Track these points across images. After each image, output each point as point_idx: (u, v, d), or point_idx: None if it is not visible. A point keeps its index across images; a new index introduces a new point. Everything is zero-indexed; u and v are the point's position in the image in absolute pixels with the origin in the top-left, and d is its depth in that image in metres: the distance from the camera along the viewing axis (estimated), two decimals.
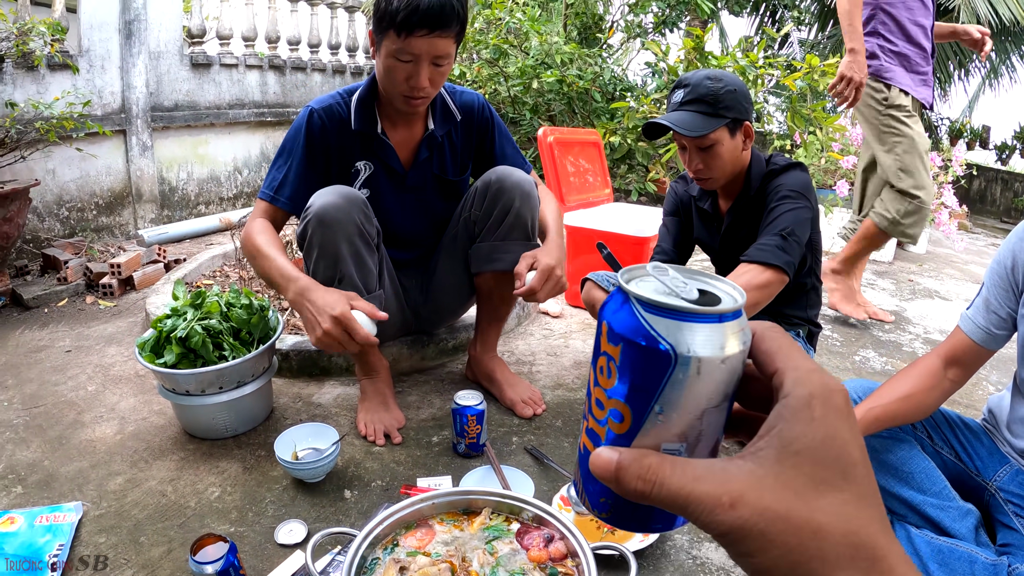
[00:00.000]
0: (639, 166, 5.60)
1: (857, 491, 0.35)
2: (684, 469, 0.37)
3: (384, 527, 1.20)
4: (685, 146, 1.98)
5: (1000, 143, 11.41)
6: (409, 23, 1.74)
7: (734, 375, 0.40)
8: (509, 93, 5.70)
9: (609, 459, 0.40)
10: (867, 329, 3.46)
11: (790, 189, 1.94)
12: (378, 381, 2.12)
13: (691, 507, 0.36)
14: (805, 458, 0.35)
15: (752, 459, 0.36)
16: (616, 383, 0.41)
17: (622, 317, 0.41)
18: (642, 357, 0.39)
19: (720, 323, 0.39)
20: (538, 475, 1.86)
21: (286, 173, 2.00)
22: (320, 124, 2.00)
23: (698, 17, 6.57)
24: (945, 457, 1.59)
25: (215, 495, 1.74)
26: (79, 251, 3.82)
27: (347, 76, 6.70)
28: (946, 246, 6.14)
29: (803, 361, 0.39)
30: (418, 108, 1.96)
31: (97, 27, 4.41)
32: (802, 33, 10.96)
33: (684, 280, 0.43)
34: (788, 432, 0.36)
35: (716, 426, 0.41)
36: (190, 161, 5.23)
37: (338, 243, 1.85)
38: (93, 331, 2.95)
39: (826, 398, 0.36)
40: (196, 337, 1.88)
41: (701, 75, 1.92)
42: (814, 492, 0.34)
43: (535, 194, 2.06)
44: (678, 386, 0.39)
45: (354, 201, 1.88)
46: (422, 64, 1.82)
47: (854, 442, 0.36)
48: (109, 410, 2.19)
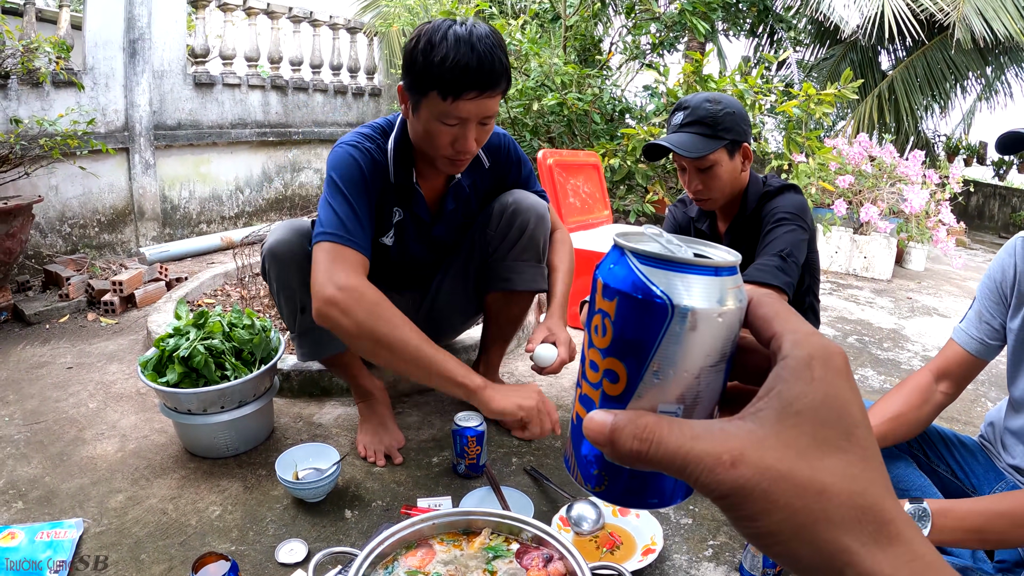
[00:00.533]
0: (639, 187, 5.64)
1: (861, 452, 0.34)
2: (682, 428, 0.35)
3: (385, 547, 1.21)
4: (685, 167, 2.00)
5: (997, 159, 11.48)
6: (458, 86, 1.61)
7: (731, 333, 0.40)
8: (509, 115, 5.75)
9: (603, 421, 0.38)
10: (865, 347, 3.48)
11: (786, 212, 1.96)
12: (374, 403, 2.12)
13: (690, 467, 0.34)
14: (806, 417, 0.34)
15: (752, 419, 0.35)
16: (611, 341, 0.40)
17: (618, 271, 0.41)
18: (638, 310, 0.39)
19: (716, 276, 0.39)
20: (538, 496, 1.87)
21: (352, 214, 1.75)
22: (367, 166, 1.83)
23: (696, 39, 6.63)
24: (942, 475, 1.60)
25: (216, 514, 1.75)
26: (81, 268, 3.84)
27: (348, 97, 6.75)
28: (944, 263, 6.16)
29: (801, 324, 0.38)
30: (461, 168, 1.85)
31: (102, 45, 4.46)
32: (799, 54, 11.04)
33: (680, 243, 0.42)
34: (788, 392, 0.35)
35: (713, 389, 0.40)
36: (192, 180, 5.27)
37: (290, 275, 1.88)
38: (94, 348, 2.96)
39: (826, 359, 0.35)
40: (199, 357, 1.89)
41: (700, 98, 1.95)
42: (817, 452, 0.33)
43: (548, 218, 2.08)
44: (675, 340, 0.38)
45: (303, 232, 1.90)
46: (469, 126, 1.70)
47: (855, 402, 0.35)
48: (110, 427, 2.20)
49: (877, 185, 5.48)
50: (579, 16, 6.07)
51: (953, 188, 5.55)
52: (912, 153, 5.44)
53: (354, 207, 1.73)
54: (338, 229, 1.68)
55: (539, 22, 6.22)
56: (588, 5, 6.04)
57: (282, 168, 6.10)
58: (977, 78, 9.70)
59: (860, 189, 5.46)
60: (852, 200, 5.41)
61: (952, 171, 5.72)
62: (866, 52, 9.92)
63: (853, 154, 5.51)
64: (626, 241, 0.41)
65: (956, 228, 5.46)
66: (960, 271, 5.91)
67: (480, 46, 1.60)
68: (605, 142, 5.47)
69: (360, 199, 1.76)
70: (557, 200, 3.54)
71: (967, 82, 9.78)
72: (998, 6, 7.12)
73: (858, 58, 9.81)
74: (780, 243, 1.90)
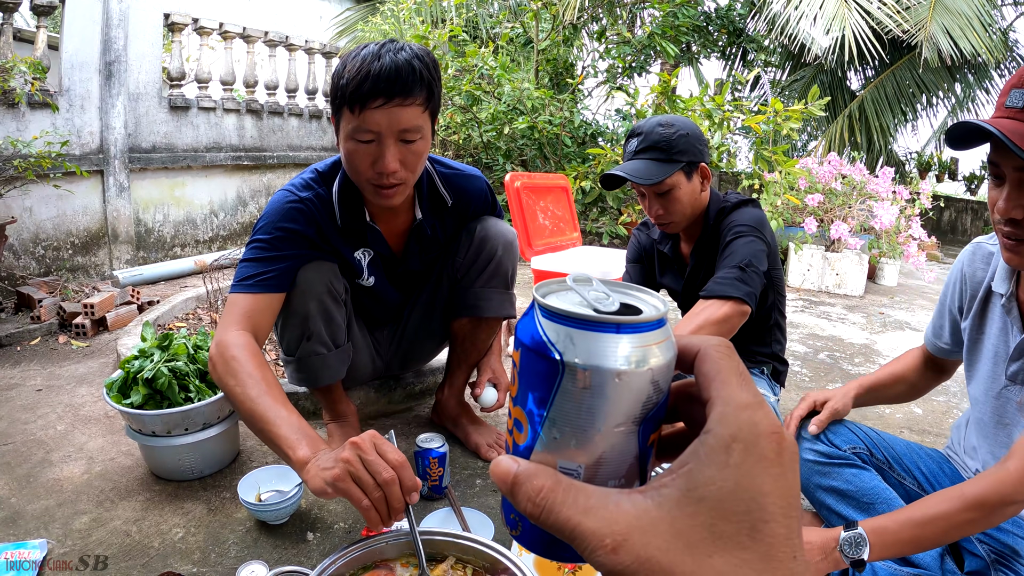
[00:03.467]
0: (611, 209, 5.70)
1: (764, 551, 0.31)
2: (576, 498, 0.34)
3: (338, 567, 1.22)
4: (644, 193, 2.00)
5: (969, 173, 11.72)
6: (363, 94, 1.51)
7: (639, 395, 0.37)
8: (482, 139, 5.80)
9: (508, 469, 0.37)
10: (836, 363, 3.53)
11: (742, 224, 1.95)
12: (346, 426, 2.12)
13: (576, 541, 0.33)
14: (708, 506, 0.31)
15: (653, 496, 0.33)
16: (517, 390, 0.40)
17: (524, 322, 0.40)
18: (534, 363, 0.38)
19: (617, 334, 0.36)
20: (499, 517, 1.88)
21: (256, 258, 1.72)
22: (295, 217, 1.76)
23: (667, 62, 6.74)
24: (908, 487, 1.64)
25: (179, 536, 1.75)
26: (54, 290, 3.83)
27: (323, 121, 6.81)
28: (917, 277, 6.26)
29: (738, 392, 0.35)
30: (392, 199, 1.69)
31: (78, 67, 4.48)
32: (771, 74, 11.21)
33: (607, 292, 0.40)
34: (696, 475, 0.32)
35: (622, 451, 0.38)
36: (167, 203, 5.27)
37: (307, 303, 1.85)
38: (65, 371, 2.95)
39: (750, 443, 0.32)
40: (162, 379, 1.90)
41: (653, 122, 1.96)
42: (709, 547, 0.31)
43: (516, 245, 2.10)
44: (568, 397, 0.37)
45: (323, 261, 1.88)
46: (386, 142, 1.57)
47: (774, 495, 0.31)
48: (77, 449, 2.20)
49: (847, 202, 5.57)
50: (551, 41, 6.16)
51: (924, 203, 5.65)
52: (882, 170, 5.53)
53: (260, 248, 1.72)
54: (238, 278, 1.69)
55: (512, 47, 6.30)
56: (560, 30, 6.12)
57: (256, 192, 6.12)
58: (946, 95, 9.88)
59: (831, 207, 5.55)
60: (823, 218, 5.49)
61: (923, 187, 5.81)
62: (835, 73, 10.10)
63: (823, 173, 5.60)
64: (539, 293, 0.40)
65: (928, 243, 5.55)
66: (932, 285, 6.00)
67: (389, 56, 1.52)
68: (577, 164, 5.54)
69: (271, 244, 1.72)
70: (524, 222, 3.57)
71: (936, 100, 9.95)
72: (964, 24, 7.28)
73: (828, 79, 9.99)
74: (738, 255, 1.88)
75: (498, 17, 6.66)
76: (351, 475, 1.18)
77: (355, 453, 1.19)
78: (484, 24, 6.82)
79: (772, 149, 4.91)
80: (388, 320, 2.24)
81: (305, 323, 1.88)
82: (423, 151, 1.66)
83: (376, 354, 2.25)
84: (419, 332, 2.25)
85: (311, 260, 1.83)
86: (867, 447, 1.64)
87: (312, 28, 7.54)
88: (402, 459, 1.21)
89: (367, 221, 1.86)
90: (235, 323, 1.61)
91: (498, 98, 5.73)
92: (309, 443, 1.32)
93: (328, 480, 1.20)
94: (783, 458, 0.32)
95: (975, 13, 7.33)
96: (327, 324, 1.92)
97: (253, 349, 1.54)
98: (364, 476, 1.17)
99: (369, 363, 2.22)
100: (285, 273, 1.74)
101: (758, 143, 4.97)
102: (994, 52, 7.83)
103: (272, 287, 1.70)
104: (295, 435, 1.35)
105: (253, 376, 1.46)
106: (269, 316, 1.71)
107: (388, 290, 2.08)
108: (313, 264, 1.84)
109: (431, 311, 2.20)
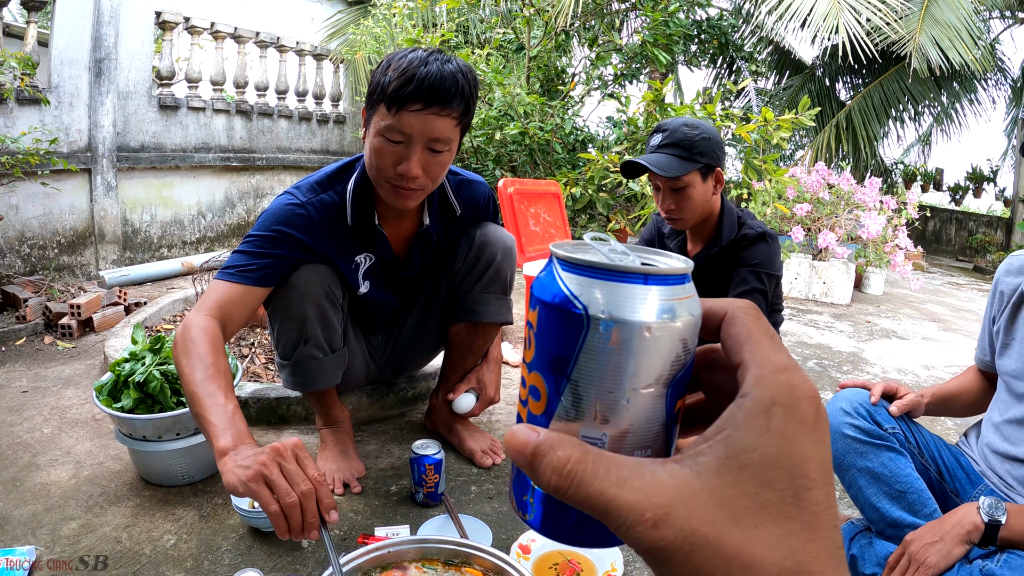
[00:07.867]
0: (600, 216, 5.71)
1: (809, 519, 0.29)
2: (608, 469, 0.31)
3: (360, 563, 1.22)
4: (659, 187, 2.10)
5: (953, 184, 11.85)
6: (401, 95, 1.54)
7: (669, 353, 0.35)
8: (472, 144, 5.80)
9: (526, 439, 0.34)
10: (825, 371, 3.55)
11: (756, 268, 2.10)
12: (339, 431, 2.12)
13: (611, 516, 0.31)
14: (750, 474, 0.30)
15: (690, 466, 0.31)
16: (534, 354, 0.37)
17: (543, 279, 0.37)
18: (555, 320, 0.35)
19: (646, 285, 0.35)
20: (496, 524, 1.88)
21: (248, 250, 1.74)
22: (299, 220, 1.78)
23: (657, 69, 6.76)
24: (932, 475, 1.64)
25: (171, 543, 1.73)
26: (39, 289, 3.78)
27: (313, 123, 6.77)
28: (903, 286, 6.32)
29: (773, 354, 0.33)
30: (407, 200, 1.72)
31: (68, 63, 4.43)
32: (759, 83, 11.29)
33: (626, 251, 0.38)
34: (737, 441, 0.31)
35: (649, 418, 0.36)
36: (154, 203, 5.23)
37: (305, 307, 1.85)
38: (50, 372, 2.91)
39: (790, 405, 0.31)
40: (154, 382, 1.88)
41: (679, 122, 2.05)
42: (755, 517, 0.29)
43: (515, 251, 2.12)
44: (593, 355, 0.34)
45: (323, 270, 1.88)
46: (414, 147, 1.61)
47: (815, 460, 0.30)
48: (65, 453, 2.17)
49: (835, 212, 5.61)
50: (543, 47, 6.16)
51: (910, 213, 5.70)
52: (869, 180, 5.58)
53: (252, 243, 1.74)
54: (224, 266, 1.71)
55: (503, 52, 6.30)
56: (552, 36, 6.13)
57: (245, 194, 6.08)
58: (932, 105, 9.97)
59: (818, 216, 5.59)
60: (810, 227, 5.53)
61: (909, 197, 5.87)
62: (823, 82, 10.18)
63: (811, 182, 5.64)
64: (558, 248, 0.38)
65: (914, 252, 5.60)
66: (918, 294, 6.06)
67: (436, 65, 1.56)
68: (567, 171, 5.55)
69: (264, 242, 1.74)
70: (517, 227, 3.58)
71: (923, 109, 10.04)
72: (953, 35, 7.34)
73: (816, 88, 10.05)
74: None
75: (490, 22, 6.65)
76: (264, 478, 1.16)
77: (274, 458, 1.19)
78: (475, 29, 6.81)
79: (762, 158, 4.94)
80: (384, 325, 2.23)
81: (302, 327, 1.88)
82: (447, 163, 1.70)
83: (370, 359, 2.24)
84: (414, 337, 2.24)
85: (305, 264, 1.84)
86: (902, 430, 1.63)
87: (303, 30, 7.50)
88: (322, 477, 1.21)
89: (375, 224, 1.88)
90: (207, 308, 1.61)
91: (489, 103, 5.73)
92: (234, 435, 1.30)
93: (241, 478, 1.17)
94: (820, 423, 0.31)
95: (964, 25, 7.39)
96: (324, 328, 1.91)
97: (214, 335, 1.53)
98: (279, 482, 1.16)
99: (363, 368, 2.21)
100: (269, 270, 1.75)
101: (748, 152, 4.99)
102: (982, 63, 7.90)
103: (252, 280, 1.71)
104: (223, 423, 1.32)
105: (204, 359, 1.45)
106: (242, 308, 1.69)
107: (386, 295, 2.08)
108: (312, 267, 1.84)
109: (427, 316, 2.20)
